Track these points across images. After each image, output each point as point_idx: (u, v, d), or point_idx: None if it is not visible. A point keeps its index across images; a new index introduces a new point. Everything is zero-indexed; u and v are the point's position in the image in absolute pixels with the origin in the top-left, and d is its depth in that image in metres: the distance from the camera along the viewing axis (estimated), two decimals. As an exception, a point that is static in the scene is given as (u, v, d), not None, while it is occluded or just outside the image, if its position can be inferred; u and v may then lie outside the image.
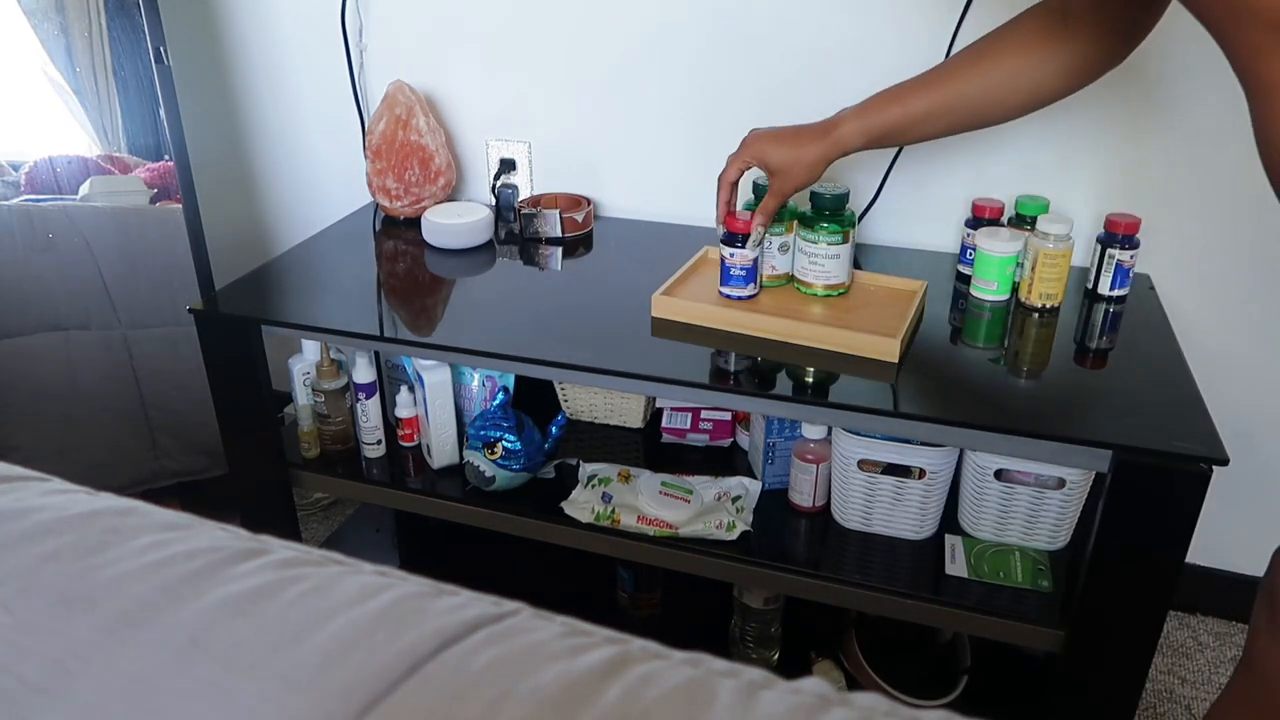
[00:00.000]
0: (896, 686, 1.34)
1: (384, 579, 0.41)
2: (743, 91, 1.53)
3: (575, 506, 1.30)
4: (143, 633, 0.37)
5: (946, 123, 1.10)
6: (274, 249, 1.93)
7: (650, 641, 0.38)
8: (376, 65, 1.71)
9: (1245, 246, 1.40)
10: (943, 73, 1.09)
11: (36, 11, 1.62)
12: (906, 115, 1.10)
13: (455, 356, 1.24)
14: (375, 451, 1.41)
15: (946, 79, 1.08)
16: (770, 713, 0.32)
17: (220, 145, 1.88)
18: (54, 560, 0.40)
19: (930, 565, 1.21)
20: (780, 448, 1.31)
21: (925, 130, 1.12)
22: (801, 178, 1.18)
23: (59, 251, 1.62)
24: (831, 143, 1.14)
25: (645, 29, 1.53)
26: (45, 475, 0.49)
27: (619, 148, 1.64)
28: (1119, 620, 1.07)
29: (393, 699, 0.33)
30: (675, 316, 1.27)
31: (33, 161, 1.65)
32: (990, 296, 1.32)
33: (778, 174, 1.18)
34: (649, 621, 1.52)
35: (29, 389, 1.66)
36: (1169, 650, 1.58)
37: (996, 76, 1.04)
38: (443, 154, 1.63)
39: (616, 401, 1.47)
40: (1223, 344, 1.45)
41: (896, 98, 1.12)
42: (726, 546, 1.24)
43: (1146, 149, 1.39)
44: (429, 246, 1.54)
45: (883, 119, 1.12)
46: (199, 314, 1.31)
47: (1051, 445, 1.04)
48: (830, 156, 1.16)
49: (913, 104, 1.10)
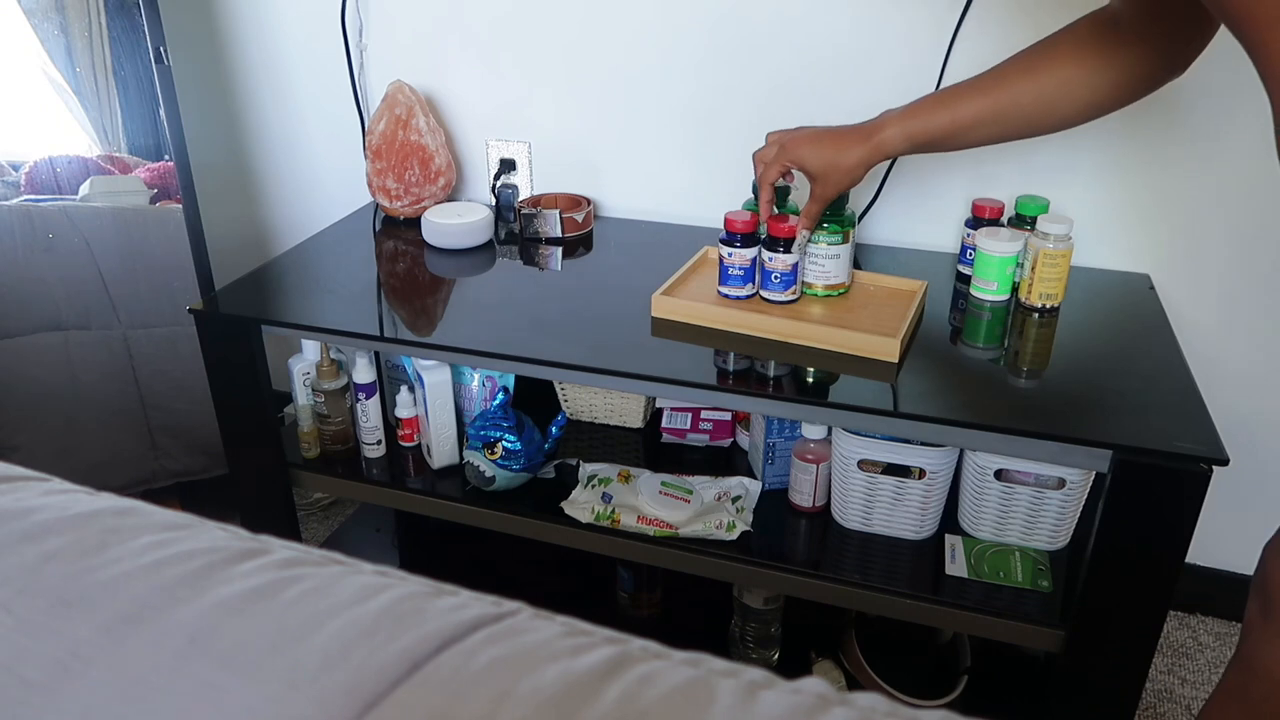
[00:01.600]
0: (896, 686, 1.34)
1: (384, 579, 0.41)
2: (743, 91, 1.53)
3: (575, 506, 1.30)
4: (142, 633, 0.37)
5: (996, 130, 1.07)
6: (274, 249, 1.93)
7: (650, 641, 0.38)
8: (376, 65, 1.71)
9: (1245, 246, 1.40)
10: (994, 79, 1.06)
11: (36, 11, 1.62)
12: (955, 121, 1.07)
13: (455, 356, 1.24)
14: (375, 451, 1.41)
15: (998, 85, 1.05)
16: (770, 713, 0.32)
17: (220, 145, 1.88)
18: (54, 560, 0.40)
19: (930, 565, 1.21)
20: (780, 448, 1.31)
21: (972, 137, 1.09)
22: (842, 182, 1.15)
23: (59, 251, 1.62)
24: (874, 146, 1.12)
25: (646, 29, 1.53)
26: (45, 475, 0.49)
27: (619, 148, 1.64)
28: (1119, 620, 1.07)
29: (393, 699, 0.33)
30: (675, 316, 1.27)
31: (33, 161, 1.65)
32: (990, 296, 1.32)
33: (818, 178, 1.16)
34: (649, 621, 1.52)
35: (29, 389, 1.66)
36: (1169, 650, 1.58)
37: (1051, 85, 1.02)
38: (443, 154, 1.63)
39: (616, 401, 1.47)
40: (1223, 344, 1.45)
41: (945, 103, 1.08)
42: (726, 546, 1.24)
43: (1146, 149, 1.39)
44: (429, 246, 1.54)
45: (930, 124, 1.09)
46: (199, 314, 1.31)
47: (1051, 445, 1.04)
48: (872, 161, 1.13)
49: (962, 110, 1.07)
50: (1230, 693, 0.85)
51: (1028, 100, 1.04)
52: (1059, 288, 1.28)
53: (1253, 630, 0.80)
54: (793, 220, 1.23)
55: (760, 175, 1.22)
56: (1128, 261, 1.45)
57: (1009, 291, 1.32)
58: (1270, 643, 0.78)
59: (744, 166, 1.55)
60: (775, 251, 1.24)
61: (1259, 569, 0.81)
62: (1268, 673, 0.79)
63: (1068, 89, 1.02)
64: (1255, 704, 0.81)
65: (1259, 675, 0.80)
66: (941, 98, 1.09)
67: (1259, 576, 0.81)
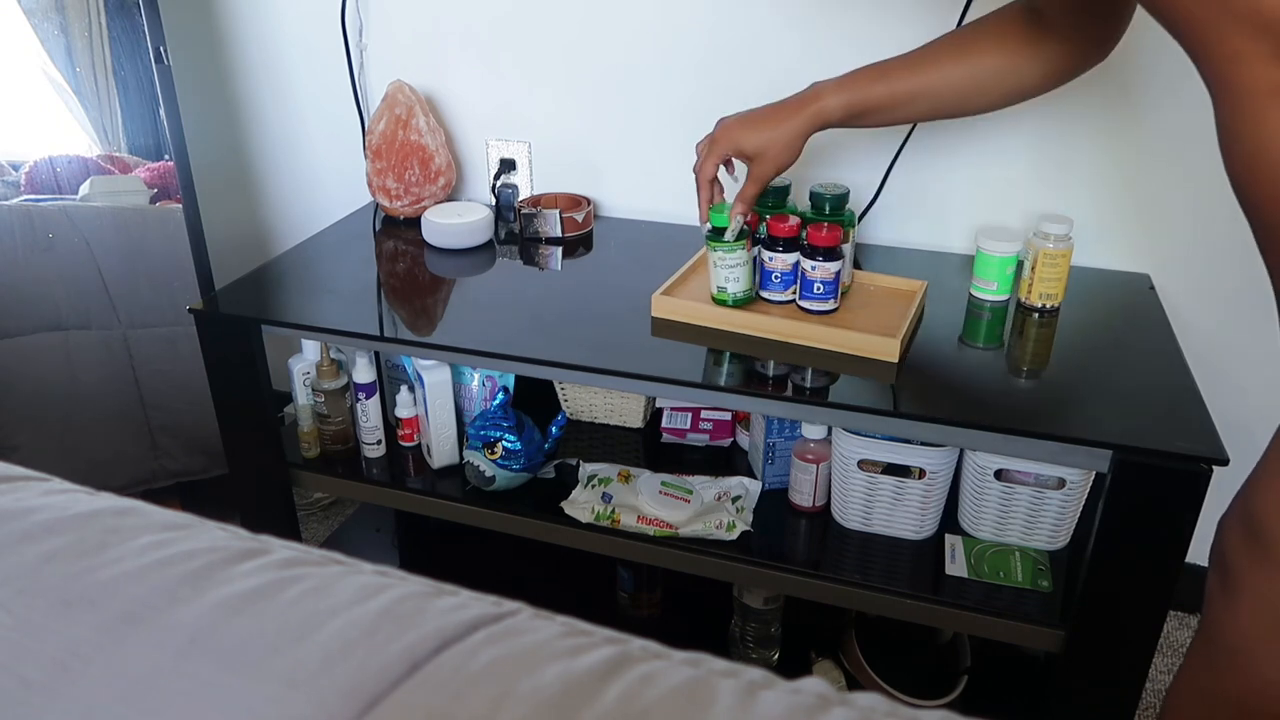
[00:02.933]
0: (896, 686, 1.34)
1: (384, 579, 0.41)
2: (743, 91, 1.52)
3: (575, 506, 1.30)
4: (143, 633, 0.37)
5: (929, 106, 1.09)
6: (274, 249, 1.93)
7: (650, 641, 0.38)
8: (376, 65, 1.71)
9: (1245, 246, 1.39)
10: (927, 57, 1.08)
11: (36, 11, 1.62)
12: (891, 94, 1.09)
13: (455, 356, 1.24)
14: (375, 451, 1.41)
15: (931, 64, 1.07)
16: (770, 713, 0.32)
17: (220, 145, 1.88)
18: (54, 560, 0.40)
19: (930, 565, 1.21)
20: (780, 448, 1.31)
21: (907, 112, 1.10)
22: (781, 158, 1.14)
23: (59, 251, 1.62)
24: (811, 115, 1.11)
25: (646, 29, 1.53)
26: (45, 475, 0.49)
27: (619, 148, 1.64)
28: (1119, 620, 1.07)
29: (393, 699, 0.33)
30: (675, 316, 1.27)
31: (33, 161, 1.65)
32: (990, 296, 1.32)
33: (756, 158, 1.15)
34: (649, 621, 1.52)
35: (29, 389, 1.66)
36: (1169, 650, 1.58)
37: (981, 70, 1.05)
38: (443, 154, 1.63)
39: (616, 401, 1.47)
40: (1222, 344, 1.45)
41: (882, 76, 1.10)
42: (726, 546, 1.24)
43: (1147, 149, 1.39)
44: (429, 246, 1.54)
45: (868, 94, 1.09)
46: (199, 314, 1.31)
47: (1051, 445, 1.04)
48: (809, 130, 1.12)
49: (899, 84, 1.08)
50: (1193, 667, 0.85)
51: (959, 83, 1.06)
52: (1059, 288, 1.28)
53: (1213, 602, 0.81)
54: (793, 220, 1.23)
55: (697, 174, 1.20)
56: (1128, 261, 1.45)
57: (1009, 291, 1.32)
58: (1228, 611, 0.78)
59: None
60: (775, 251, 1.24)
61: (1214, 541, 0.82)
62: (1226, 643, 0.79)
63: (996, 76, 1.04)
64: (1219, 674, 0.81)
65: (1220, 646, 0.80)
66: (879, 71, 1.10)
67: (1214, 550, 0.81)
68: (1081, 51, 1.01)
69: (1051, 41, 1.01)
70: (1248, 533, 0.76)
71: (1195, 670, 0.85)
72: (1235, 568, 0.78)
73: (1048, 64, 1.02)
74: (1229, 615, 0.79)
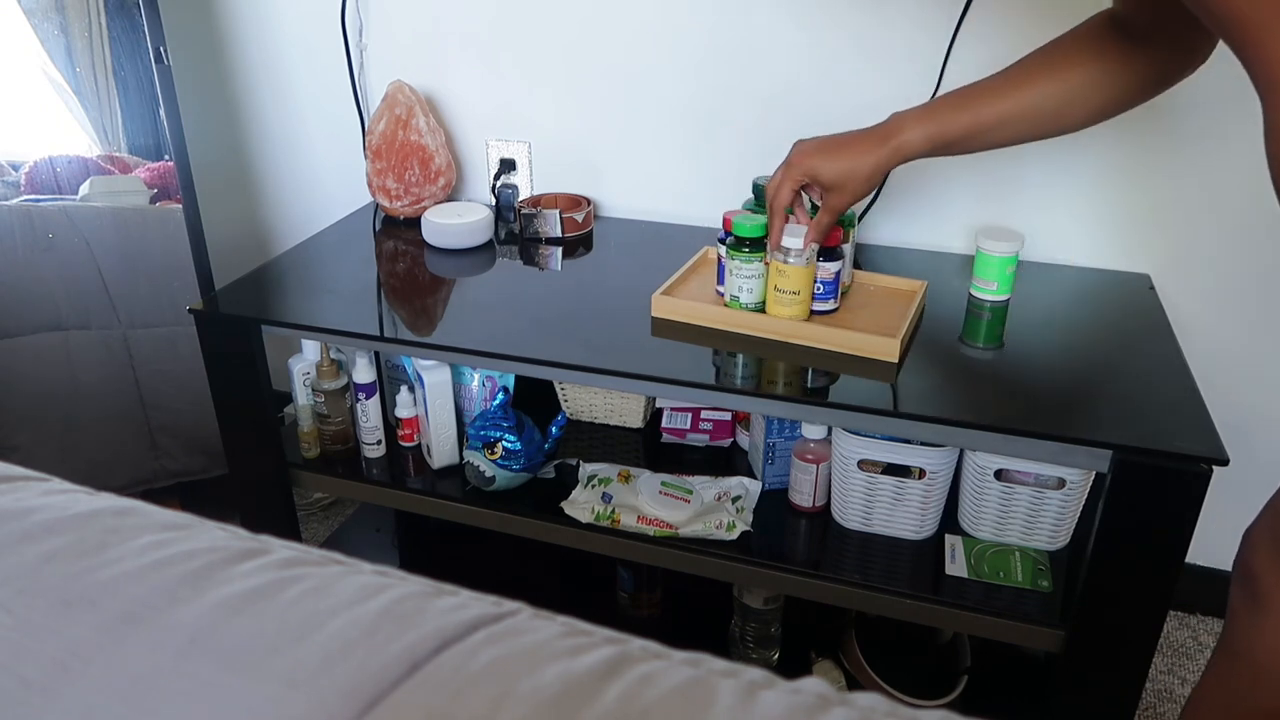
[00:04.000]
0: (896, 686, 1.34)
1: (384, 579, 0.41)
2: (743, 91, 1.53)
3: (575, 506, 1.30)
4: (143, 633, 0.37)
5: (1018, 131, 1.04)
6: (274, 249, 1.93)
7: (650, 641, 0.38)
8: (376, 65, 1.71)
9: (1245, 246, 1.40)
10: (1015, 79, 1.03)
11: (36, 11, 1.62)
12: (977, 122, 1.04)
13: (455, 356, 1.24)
14: (375, 451, 1.41)
15: (1020, 86, 1.03)
16: (770, 713, 0.32)
17: (220, 145, 1.88)
18: (54, 560, 0.40)
19: (930, 565, 1.21)
20: (780, 448, 1.31)
21: (993, 138, 1.05)
22: (860, 191, 1.10)
23: (59, 251, 1.62)
24: (891, 150, 1.07)
25: (646, 29, 1.53)
26: (45, 475, 0.49)
27: (619, 148, 1.64)
28: (1119, 620, 1.07)
29: (393, 699, 0.33)
30: (675, 316, 1.27)
31: (33, 161, 1.65)
32: (990, 296, 1.32)
33: (833, 189, 1.10)
34: (649, 621, 1.52)
35: (29, 389, 1.66)
36: (1169, 650, 1.58)
37: (1071, 86, 1.00)
38: (443, 154, 1.63)
39: (616, 401, 1.47)
40: (1222, 344, 1.45)
41: (965, 103, 1.05)
42: (726, 546, 1.24)
43: (1147, 150, 1.39)
44: (429, 246, 1.54)
45: (951, 126, 1.05)
46: (199, 314, 1.31)
47: (1051, 445, 1.04)
48: (890, 165, 1.09)
49: (984, 110, 1.04)
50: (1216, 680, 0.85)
51: (1051, 101, 1.01)
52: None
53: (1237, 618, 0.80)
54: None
55: (771, 200, 1.15)
56: (1128, 261, 1.45)
57: (1009, 291, 1.32)
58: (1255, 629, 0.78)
59: (744, 166, 1.56)
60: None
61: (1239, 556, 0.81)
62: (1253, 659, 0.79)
63: (1091, 89, 1.00)
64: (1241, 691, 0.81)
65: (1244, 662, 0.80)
66: (961, 98, 1.06)
67: (1240, 564, 0.81)
68: (1174, 60, 0.97)
69: (1142, 52, 0.97)
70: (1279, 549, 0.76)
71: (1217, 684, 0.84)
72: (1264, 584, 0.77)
73: (1138, 75, 0.98)
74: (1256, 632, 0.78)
